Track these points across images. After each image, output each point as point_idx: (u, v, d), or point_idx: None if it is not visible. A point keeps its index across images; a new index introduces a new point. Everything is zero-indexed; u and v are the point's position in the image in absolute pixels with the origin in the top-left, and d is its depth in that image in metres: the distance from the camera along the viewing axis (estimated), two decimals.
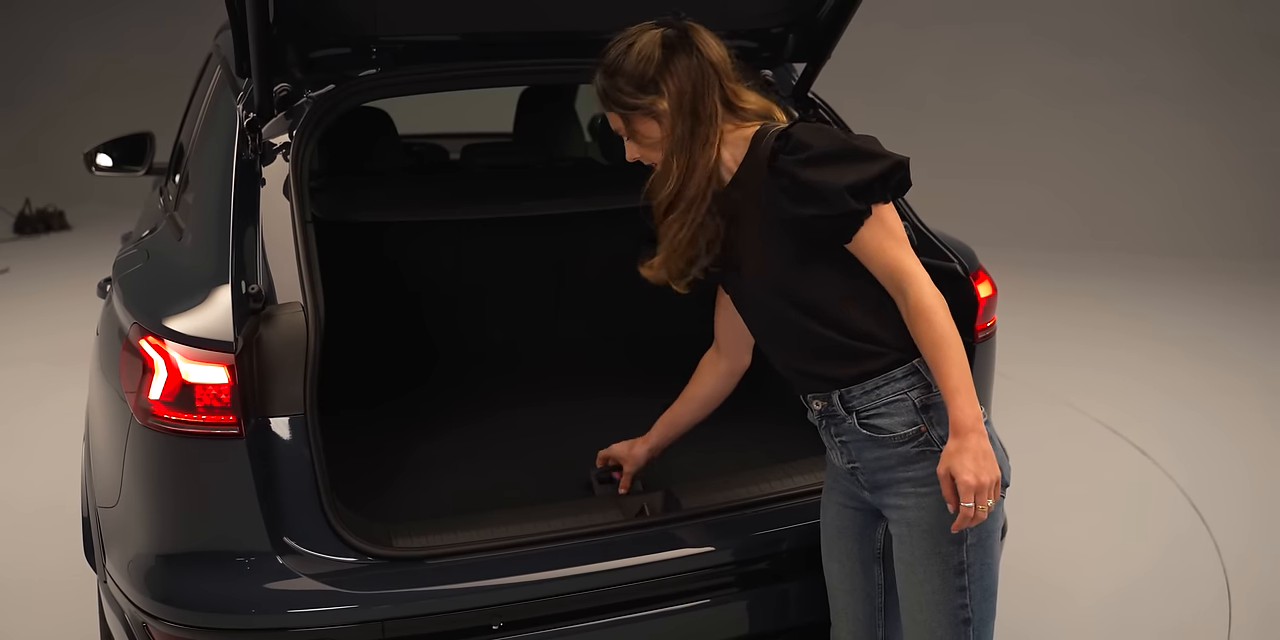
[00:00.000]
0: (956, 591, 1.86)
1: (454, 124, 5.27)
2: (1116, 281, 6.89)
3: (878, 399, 1.87)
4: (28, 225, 8.66)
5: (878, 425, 1.87)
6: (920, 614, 1.89)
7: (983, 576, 1.87)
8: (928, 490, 1.84)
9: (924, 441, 1.85)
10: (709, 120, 1.88)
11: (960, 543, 1.84)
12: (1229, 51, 7.44)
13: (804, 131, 1.84)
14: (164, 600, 1.97)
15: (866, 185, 1.79)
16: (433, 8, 2.35)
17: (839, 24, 2.56)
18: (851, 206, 1.78)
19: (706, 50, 1.88)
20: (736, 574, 2.19)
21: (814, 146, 1.81)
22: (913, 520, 1.86)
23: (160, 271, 2.34)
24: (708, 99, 1.87)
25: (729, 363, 2.27)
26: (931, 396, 1.86)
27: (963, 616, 1.87)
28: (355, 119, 2.99)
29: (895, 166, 1.81)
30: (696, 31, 1.89)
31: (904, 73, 7.91)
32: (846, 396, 1.89)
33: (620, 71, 1.89)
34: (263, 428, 1.96)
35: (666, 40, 1.87)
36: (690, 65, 1.86)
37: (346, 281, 2.63)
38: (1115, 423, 4.56)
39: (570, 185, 3.29)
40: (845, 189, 1.77)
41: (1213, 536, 3.60)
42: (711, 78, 1.88)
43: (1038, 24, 7.68)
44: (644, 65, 1.87)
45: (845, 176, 1.78)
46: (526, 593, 2.03)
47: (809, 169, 1.80)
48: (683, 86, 1.86)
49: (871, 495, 1.95)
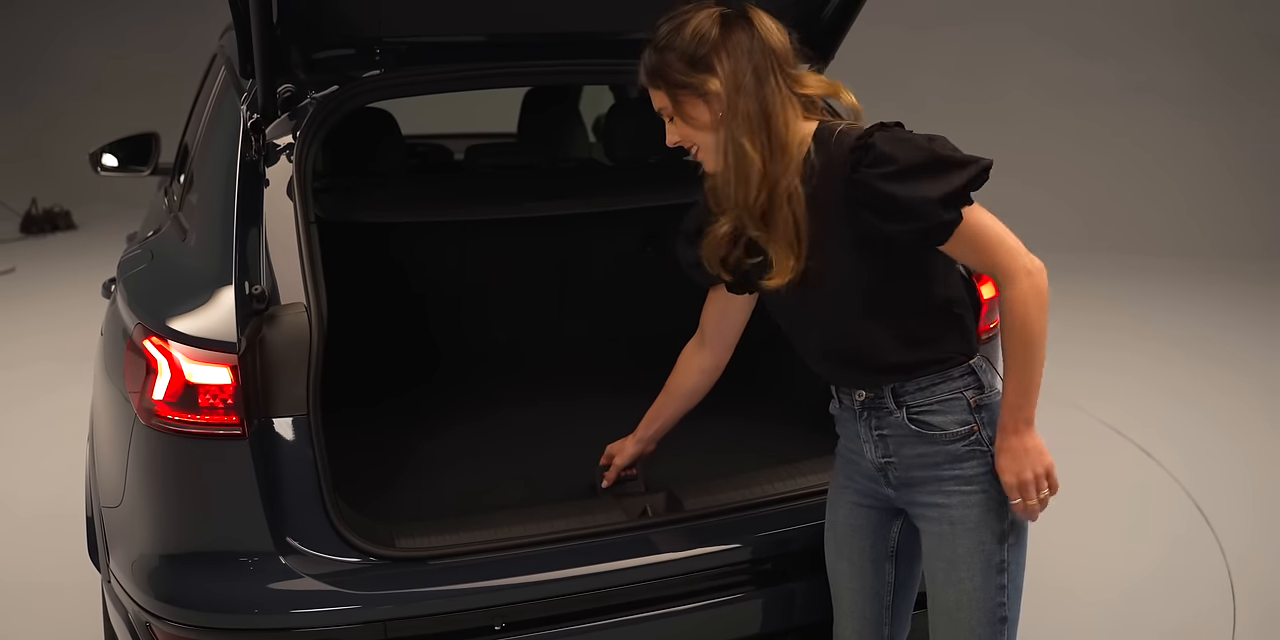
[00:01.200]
0: (997, 590, 1.86)
1: (458, 125, 5.28)
2: (1119, 282, 6.88)
3: (932, 395, 1.86)
4: (34, 225, 8.68)
5: (929, 421, 1.87)
6: (959, 613, 1.88)
7: (1017, 575, 1.89)
8: (974, 488, 1.85)
9: (974, 441, 1.85)
10: (779, 103, 1.77)
11: (1003, 542, 1.85)
12: (1231, 53, 7.43)
13: (886, 142, 1.74)
14: (167, 600, 1.97)
15: (956, 195, 1.73)
16: (436, 9, 2.35)
17: (843, 25, 2.57)
18: (944, 218, 1.74)
19: (766, 33, 1.78)
20: (739, 575, 2.19)
21: (900, 159, 1.72)
22: (956, 519, 1.86)
23: (164, 272, 2.35)
24: (769, 81, 1.76)
25: (713, 357, 2.20)
26: (985, 397, 1.87)
27: (1000, 614, 1.87)
28: (359, 120, 2.99)
29: (981, 172, 1.76)
30: (756, 13, 1.80)
31: (908, 75, 7.90)
32: (900, 390, 1.87)
33: (672, 47, 1.78)
34: (266, 428, 1.97)
35: (725, 18, 1.78)
36: (750, 46, 1.76)
37: (350, 282, 2.63)
38: (1119, 423, 4.56)
39: (574, 186, 3.30)
40: (938, 202, 1.71)
41: (1216, 537, 3.60)
42: (771, 61, 1.77)
43: (1041, 25, 7.67)
44: (698, 42, 1.76)
45: (936, 189, 1.71)
46: (529, 593, 2.03)
47: (896, 184, 1.72)
48: (739, 66, 1.75)
49: (898, 493, 1.94)
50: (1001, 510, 1.85)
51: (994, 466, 1.84)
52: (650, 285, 3.40)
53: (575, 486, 2.43)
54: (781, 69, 1.79)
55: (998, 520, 1.85)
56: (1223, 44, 7.43)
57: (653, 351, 2.63)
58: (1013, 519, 1.86)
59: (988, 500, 1.85)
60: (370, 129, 3.16)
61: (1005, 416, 1.82)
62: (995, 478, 1.84)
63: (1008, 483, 1.80)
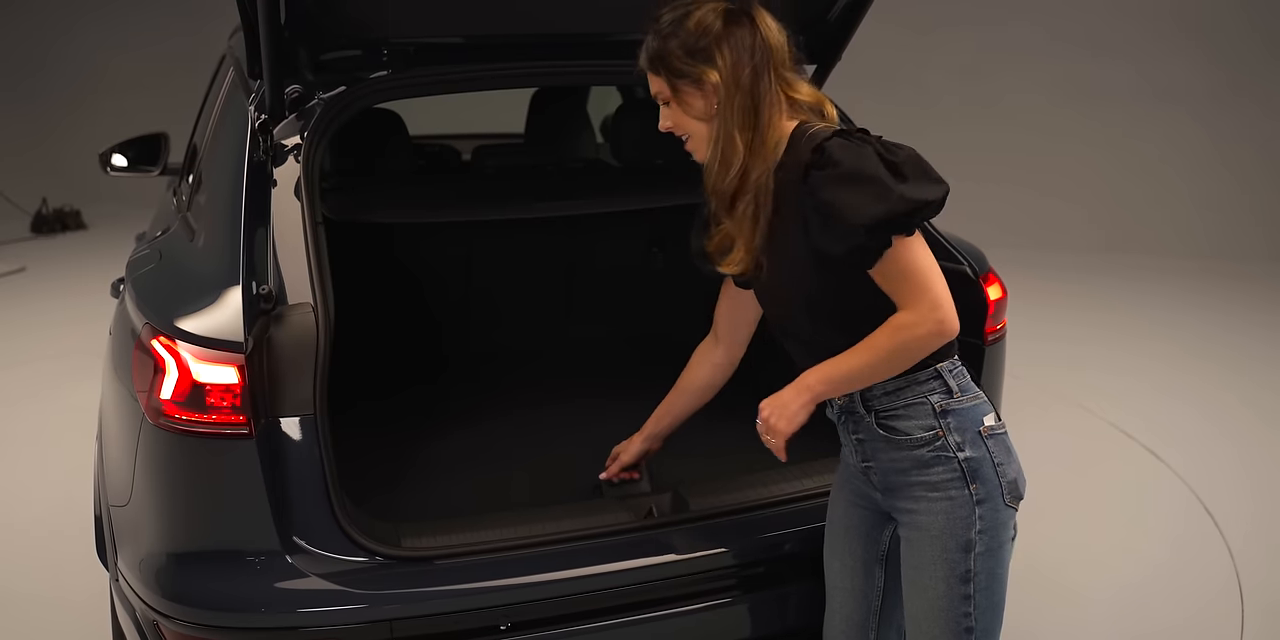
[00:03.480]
0: (961, 599, 1.84)
1: (465, 125, 5.28)
2: (1128, 284, 6.87)
3: (898, 399, 1.86)
4: (44, 224, 8.70)
5: (895, 426, 1.87)
6: (924, 621, 1.88)
7: (989, 586, 1.85)
8: (939, 495, 1.84)
9: (940, 446, 1.84)
10: (770, 101, 1.81)
11: (968, 551, 1.83)
12: (1238, 56, 7.41)
13: (839, 148, 1.75)
14: (174, 599, 1.98)
15: (891, 219, 1.71)
16: (444, 10, 2.36)
17: (850, 25, 2.56)
18: (869, 241, 1.73)
19: (767, 32, 1.82)
20: (744, 576, 2.19)
21: (844, 165, 1.73)
22: (922, 524, 1.86)
23: (172, 272, 2.36)
24: (764, 79, 1.81)
25: (725, 354, 2.23)
26: (951, 402, 1.85)
27: (965, 625, 1.85)
28: (366, 120, 3.00)
29: (924, 205, 1.73)
30: (760, 12, 1.84)
31: (916, 75, 7.89)
32: (867, 395, 1.88)
33: (675, 35, 1.82)
34: (273, 428, 1.97)
35: (729, 13, 1.82)
36: (750, 42, 1.80)
37: (357, 282, 2.64)
38: (1126, 424, 4.55)
39: (581, 187, 3.30)
40: (869, 219, 1.70)
41: (1224, 538, 3.59)
42: (768, 60, 1.81)
43: (1048, 27, 7.65)
44: (701, 32, 1.80)
45: (871, 206, 1.70)
46: (534, 593, 2.04)
47: (834, 189, 1.73)
48: (739, 61, 1.79)
49: (884, 497, 1.94)
50: (968, 519, 1.83)
51: (962, 472, 1.82)
52: (657, 286, 3.40)
53: (582, 487, 2.43)
54: (777, 70, 1.83)
55: (963, 528, 1.83)
56: (1230, 47, 7.42)
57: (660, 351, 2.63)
58: (983, 528, 1.83)
59: (953, 507, 1.83)
60: (378, 130, 3.17)
61: (807, 375, 1.84)
62: (962, 484, 1.82)
63: (760, 416, 1.86)
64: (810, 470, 2.38)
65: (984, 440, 1.85)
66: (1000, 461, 1.85)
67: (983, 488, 1.83)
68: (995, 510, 1.84)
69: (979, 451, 1.84)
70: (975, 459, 1.83)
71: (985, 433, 1.85)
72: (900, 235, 1.74)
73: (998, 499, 1.84)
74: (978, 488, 1.83)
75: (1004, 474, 1.85)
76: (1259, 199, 7.55)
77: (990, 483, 1.83)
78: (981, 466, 1.83)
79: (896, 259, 1.76)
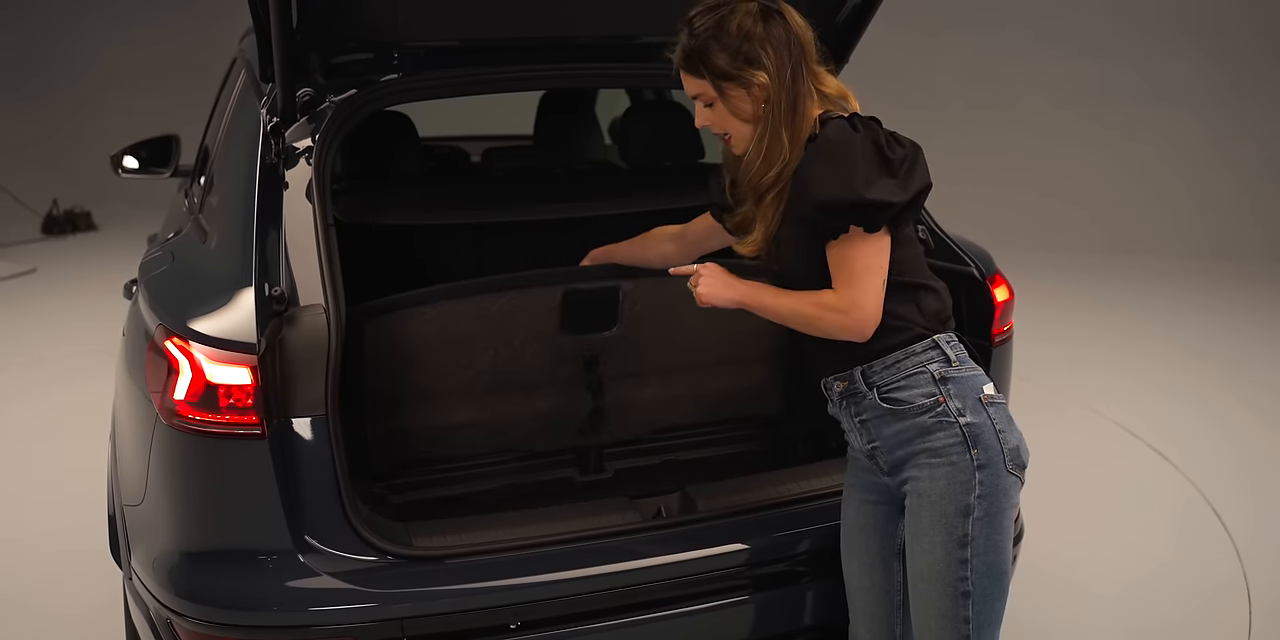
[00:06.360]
0: (959, 563, 1.86)
1: (475, 127, 5.30)
2: (1130, 285, 6.88)
3: (898, 372, 1.90)
4: (55, 226, 8.72)
5: (898, 397, 1.90)
6: (921, 583, 1.90)
7: (988, 552, 1.87)
8: (941, 461, 1.87)
9: (941, 412, 1.87)
10: (807, 97, 1.87)
11: (966, 515, 1.86)
12: (1240, 57, 7.42)
13: (835, 127, 1.84)
14: (187, 597, 2.00)
15: (836, 209, 1.80)
16: (454, 14, 2.37)
17: (858, 27, 2.57)
18: (829, 221, 1.81)
19: (798, 28, 1.88)
20: (754, 575, 2.20)
21: (828, 141, 1.82)
22: (923, 490, 1.89)
23: (185, 273, 2.37)
24: (800, 75, 1.86)
25: (680, 252, 2.29)
26: (950, 370, 1.89)
27: (963, 589, 1.87)
28: (377, 123, 3.01)
29: (882, 206, 1.80)
30: (787, 8, 1.89)
31: (923, 77, 7.89)
32: (868, 372, 1.92)
33: (718, 38, 1.86)
34: (285, 428, 1.99)
35: (765, 13, 1.87)
36: (788, 40, 1.86)
37: (368, 284, 2.66)
38: (1133, 425, 4.55)
39: (590, 188, 3.31)
40: (817, 201, 1.80)
41: (1231, 538, 3.60)
42: (802, 55, 1.87)
43: (1051, 30, 7.65)
44: (744, 36, 1.85)
45: (827, 188, 1.80)
46: (544, 592, 2.05)
47: (810, 160, 1.83)
48: (783, 61, 1.85)
49: (891, 478, 1.96)
50: (968, 483, 1.86)
51: (964, 437, 1.86)
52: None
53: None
54: (809, 64, 1.89)
55: (963, 492, 1.86)
56: (1232, 48, 7.42)
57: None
58: (982, 493, 1.86)
59: (954, 472, 1.86)
60: (388, 132, 3.18)
61: (755, 286, 1.94)
62: (963, 449, 1.86)
63: (700, 271, 1.97)
64: (818, 470, 2.39)
65: (985, 407, 1.88)
66: (1001, 428, 1.88)
67: (984, 453, 1.86)
68: (996, 476, 1.86)
69: (980, 417, 1.87)
70: (976, 425, 1.87)
71: (986, 400, 1.89)
72: (859, 227, 1.81)
73: (999, 465, 1.86)
74: (979, 453, 1.86)
75: (1005, 441, 1.88)
76: (1260, 200, 7.55)
77: (992, 449, 1.86)
78: (983, 432, 1.86)
79: (845, 249, 1.83)
